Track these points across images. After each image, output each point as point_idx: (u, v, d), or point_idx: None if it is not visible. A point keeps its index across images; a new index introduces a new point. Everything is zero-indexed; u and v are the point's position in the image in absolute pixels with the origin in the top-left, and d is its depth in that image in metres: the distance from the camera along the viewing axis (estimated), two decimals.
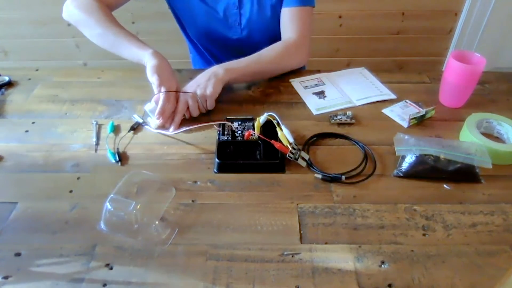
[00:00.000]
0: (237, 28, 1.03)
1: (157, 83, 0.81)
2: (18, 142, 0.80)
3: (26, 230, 0.63)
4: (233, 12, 1.01)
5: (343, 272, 0.57)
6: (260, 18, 1.02)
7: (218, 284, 0.55)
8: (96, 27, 0.91)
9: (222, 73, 0.86)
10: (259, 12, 1.01)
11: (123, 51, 0.89)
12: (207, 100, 0.84)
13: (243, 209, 0.66)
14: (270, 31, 1.03)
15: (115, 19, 0.94)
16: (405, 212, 0.66)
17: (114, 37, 0.90)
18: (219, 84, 0.85)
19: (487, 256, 0.59)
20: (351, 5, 1.83)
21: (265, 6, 1.00)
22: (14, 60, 2.02)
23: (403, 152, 0.73)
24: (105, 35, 0.91)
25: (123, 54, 0.90)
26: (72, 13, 0.95)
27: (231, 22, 1.03)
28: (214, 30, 1.04)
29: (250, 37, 1.05)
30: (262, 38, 1.04)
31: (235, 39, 1.05)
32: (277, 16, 1.01)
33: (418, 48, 1.98)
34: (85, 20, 0.93)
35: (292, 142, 0.74)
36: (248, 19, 1.02)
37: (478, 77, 0.85)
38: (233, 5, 1.01)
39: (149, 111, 0.82)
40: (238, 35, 1.04)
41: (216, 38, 1.06)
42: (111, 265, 0.58)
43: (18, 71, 1.02)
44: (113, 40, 0.90)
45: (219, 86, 0.85)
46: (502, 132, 0.80)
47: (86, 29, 0.94)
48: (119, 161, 0.75)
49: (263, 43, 0.96)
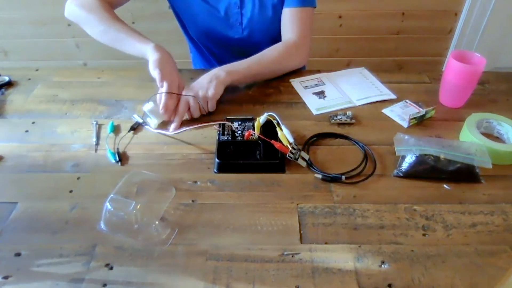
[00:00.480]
0: (238, 27, 1.03)
1: (159, 78, 0.81)
2: (18, 142, 0.80)
3: (26, 230, 0.63)
4: (235, 12, 1.01)
5: (343, 272, 0.57)
6: (261, 18, 1.02)
7: (218, 284, 0.55)
8: (99, 24, 0.91)
9: (224, 75, 0.86)
10: (261, 12, 1.01)
11: (125, 46, 0.89)
12: (209, 101, 0.84)
13: (243, 209, 0.66)
14: (271, 30, 1.03)
15: (116, 16, 0.94)
16: (405, 212, 0.66)
17: (116, 33, 0.90)
18: (221, 86, 0.85)
19: (487, 256, 0.59)
20: (351, 5, 1.83)
21: (267, 6, 1.00)
22: (14, 60, 2.02)
23: (403, 152, 0.73)
24: (108, 32, 0.91)
25: (126, 49, 0.90)
26: (74, 11, 0.95)
27: (232, 22, 1.03)
28: (215, 30, 1.05)
29: (251, 36, 1.05)
30: (263, 37, 1.04)
31: (236, 38, 1.05)
32: (278, 16, 1.01)
33: (418, 48, 1.98)
34: (87, 17, 0.93)
35: (292, 142, 0.74)
36: (250, 18, 1.02)
37: (478, 77, 0.85)
38: (235, 5, 1.01)
39: (148, 111, 0.82)
40: (239, 34, 1.04)
41: (217, 38, 1.07)
42: (111, 265, 0.58)
43: (18, 71, 1.02)
44: (115, 36, 0.90)
45: (221, 88, 0.85)
46: (502, 132, 0.80)
47: (88, 27, 0.94)
48: (119, 161, 0.75)
49: (264, 43, 0.96)
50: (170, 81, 0.82)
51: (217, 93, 0.84)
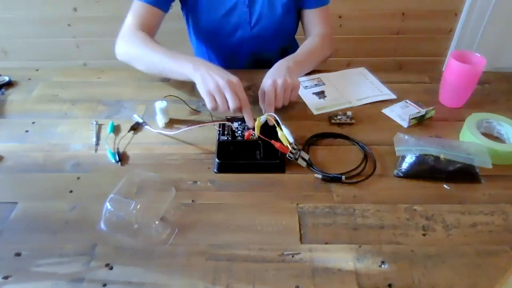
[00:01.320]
0: (247, 26, 1.04)
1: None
2: (18, 142, 0.80)
3: (26, 230, 0.63)
4: (244, 11, 1.02)
5: (343, 272, 0.57)
6: (270, 17, 1.02)
7: (218, 284, 0.55)
8: (142, 63, 0.90)
9: (293, 67, 0.88)
10: (270, 11, 1.02)
11: (173, 75, 0.88)
12: (293, 90, 0.84)
13: (243, 209, 0.66)
14: (279, 29, 1.05)
15: (156, 45, 0.90)
16: (405, 212, 0.66)
17: (159, 65, 0.87)
18: (297, 76, 0.88)
19: (487, 256, 0.59)
20: (351, 5, 1.83)
21: (276, 5, 1.01)
22: (14, 60, 2.01)
23: (403, 152, 0.73)
24: (151, 67, 0.90)
25: (176, 78, 0.88)
26: (123, 50, 0.93)
27: (241, 21, 1.03)
28: (223, 28, 1.04)
29: (260, 35, 1.05)
30: (271, 35, 1.05)
31: (244, 37, 1.05)
32: (287, 14, 1.03)
33: (418, 48, 1.98)
34: (139, 53, 0.90)
35: (292, 142, 0.74)
36: (258, 17, 1.02)
37: (478, 77, 0.85)
38: (243, 4, 1.01)
39: (159, 109, 0.82)
40: (248, 33, 1.05)
41: (225, 36, 1.06)
42: (111, 265, 0.58)
43: (18, 71, 1.02)
44: (161, 70, 0.88)
45: (297, 78, 0.88)
46: (502, 132, 0.80)
47: (139, 63, 0.92)
48: (119, 161, 0.75)
49: (272, 41, 0.96)
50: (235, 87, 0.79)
51: (299, 83, 0.86)
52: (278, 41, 0.96)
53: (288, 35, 1.12)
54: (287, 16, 1.04)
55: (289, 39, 1.13)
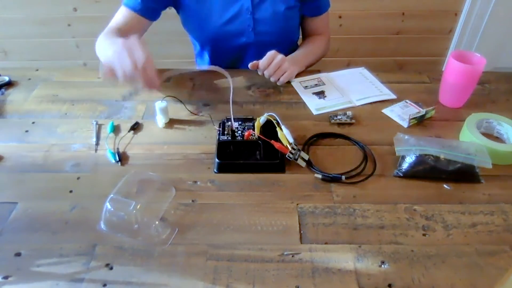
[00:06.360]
0: (250, 33, 1.03)
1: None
2: (18, 142, 0.80)
3: (26, 230, 0.63)
4: (246, 18, 1.01)
5: (343, 272, 0.57)
6: (273, 23, 1.03)
7: (218, 284, 0.55)
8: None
9: (297, 60, 0.99)
10: (273, 17, 1.02)
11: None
12: (285, 74, 0.94)
13: (243, 209, 0.66)
14: (281, 34, 1.06)
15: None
16: (405, 212, 0.66)
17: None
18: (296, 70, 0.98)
19: (487, 256, 0.59)
20: (351, 5, 1.83)
21: (279, 11, 1.01)
22: (14, 60, 2.01)
23: (403, 152, 0.73)
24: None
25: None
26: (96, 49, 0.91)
27: (244, 27, 1.02)
28: (225, 35, 1.04)
29: (262, 40, 1.05)
30: (274, 42, 1.04)
31: (247, 43, 1.05)
32: (290, 20, 1.05)
33: (418, 48, 1.98)
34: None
35: (292, 142, 0.74)
36: (261, 23, 1.02)
37: (478, 77, 0.85)
38: (247, 11, 1.00)
39: (159, 109, 0.82)
40: (251, 39, 1.04)
41: (227, 42, 1.06)
42: (111, 265, 0.58)
43: (18, 71, 1.02)
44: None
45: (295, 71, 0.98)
46: (502, 132, 0.80)
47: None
48: (119, 161, 0.75)
49: (275, 47, 0.96)
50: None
51: (294, 74, 0.97)
52: (281, 48, 0.96)
53: (291, 42, 1.13)
54: (290, 23, 1.06)
55: (292, 45, 1.13)
